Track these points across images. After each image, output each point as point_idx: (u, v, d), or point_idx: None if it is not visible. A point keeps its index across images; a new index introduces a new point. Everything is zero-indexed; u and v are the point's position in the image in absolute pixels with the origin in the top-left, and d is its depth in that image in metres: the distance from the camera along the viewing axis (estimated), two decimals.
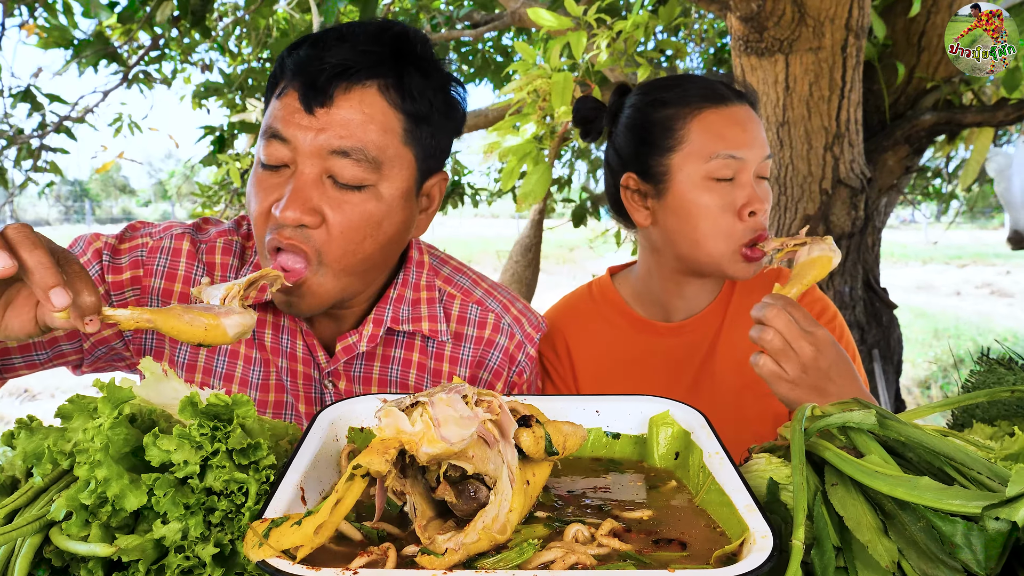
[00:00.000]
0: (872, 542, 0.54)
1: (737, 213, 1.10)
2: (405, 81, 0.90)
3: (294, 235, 0.87)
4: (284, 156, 0.88)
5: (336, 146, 0.86)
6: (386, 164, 0.89)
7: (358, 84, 0.87)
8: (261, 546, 0.46)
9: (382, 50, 0.89)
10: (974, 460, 0.61)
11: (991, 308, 8.80)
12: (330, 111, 0.86)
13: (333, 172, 0.87)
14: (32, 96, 3.27)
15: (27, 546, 0.48)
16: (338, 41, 0.88)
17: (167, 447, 0.50)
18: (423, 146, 0.94)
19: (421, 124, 0.92)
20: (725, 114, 1.12)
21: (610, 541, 0.55)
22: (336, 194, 0.88)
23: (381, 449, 0.50)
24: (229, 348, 1.03)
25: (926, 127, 2.44)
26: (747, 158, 1.11)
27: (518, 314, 1.10)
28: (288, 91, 0.88)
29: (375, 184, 0.89)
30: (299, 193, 0.86)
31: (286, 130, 0.87)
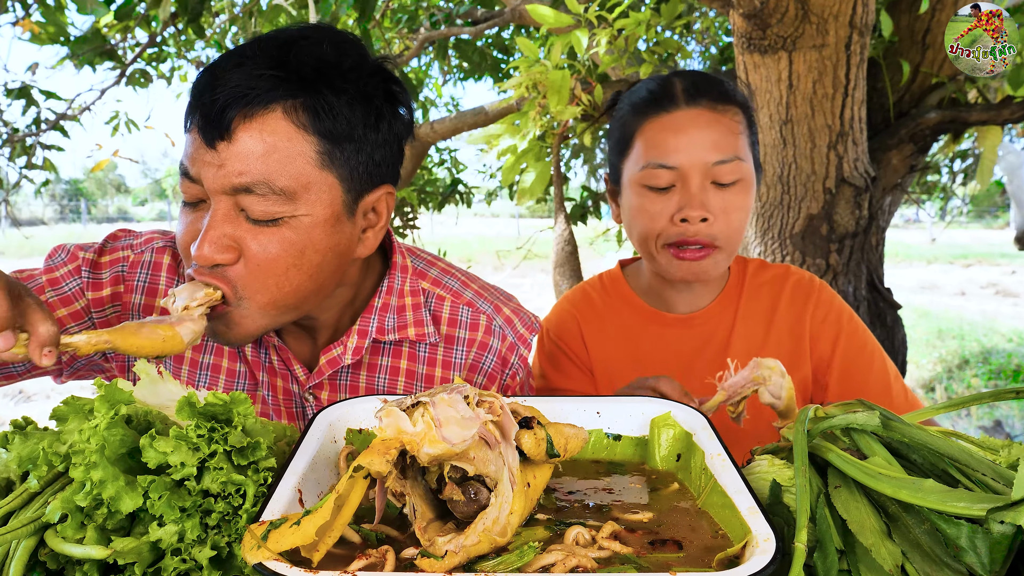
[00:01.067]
0: (876, 545, 0.54)
1: (671, 219, 1.10)
2: (315, 100, 0.82)
3: (210, 273, 0.83)
4: (197, 193, 0.85)
5: (236, 183, 0.80)
6: (300, 191, 0.83)
7: (260, 110, 0.80)
8: (259, 548, 0.46)
9: (284, 71, 0.81)
10: (979, 462, 0.60)
11: (996, 308, 8.75)
12: (230, 145, 0.80)
13: (243, 207, 0.82)
14: (27, 93, 3.26)
15: (22, 549, 0.47)
16: (236, 67, 0.81)
17: (164, 448, 0.50)
18: (348, 166, 0.86)
19: (341, 143, 0.85)
20: (664, 121, 1.11)
21: (611, 544, 0.54)
22: (250, 227, 0.83)
23: (382, 449, 0.49)
24: (212, 363, 1.01)
25: (931, 125, 2.42)
26: (682, 164, 1.08)
27: (510, 314, 1.08)
28: (192, 126, 0.83)
29: (290, 214, 0.83)
30: (211, 232, 0.82)
31: (192, 168, 0.83)
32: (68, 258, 0.99)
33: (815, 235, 2.35)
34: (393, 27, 3.79)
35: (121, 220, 33.29)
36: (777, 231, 2.40)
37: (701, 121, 1.10)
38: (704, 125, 1.10)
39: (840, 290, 2.39)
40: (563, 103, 2.19)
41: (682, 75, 1.17)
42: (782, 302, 1.24)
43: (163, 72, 3.75)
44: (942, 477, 0.60)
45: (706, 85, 1.14)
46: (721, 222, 1.09)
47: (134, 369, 0.57)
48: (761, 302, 1.25)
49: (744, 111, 1.15)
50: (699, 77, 1.16)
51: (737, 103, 1.14)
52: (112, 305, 1.00)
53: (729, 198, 1.10)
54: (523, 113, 2.41)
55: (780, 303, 1.24)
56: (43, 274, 0.98)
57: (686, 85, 1.14)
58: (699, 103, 1.11)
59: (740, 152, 1.11)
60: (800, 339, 1.22)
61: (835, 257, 2.35)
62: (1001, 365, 6.07)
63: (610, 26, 2.31)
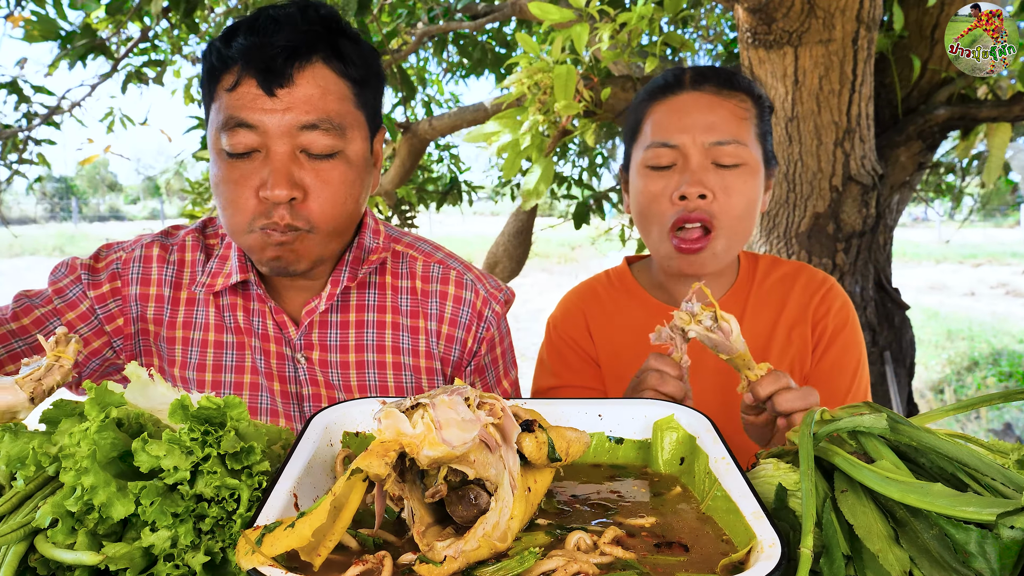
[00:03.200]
0: (883, 551, 0.53)
1: (670, 198, 1.11)
2: (341, 50, 0.96)
3: (286, 213, 0.93)
4: (252, 142, 0.92)
5: (304, 121, 0.92)
6: (348, 128, 0.96)
7: (308, 61, 0.93)
8: (253, 553, 0.45)
9: (316, 27, 0.95)
10: (988, 466, 0.59)
11: (1006, 309, 8.67)
12: (292, 90, 0.91)
13: (304, 146, 0.93)
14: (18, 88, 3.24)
15: (11, 554, 0.47)
16: (276, 24, 0.93)
17: (156, 452, 0.49)
18: (369, 107, 1.02)
19: (364, 87, 1.00)
20: (669, 103, 1.15)
21: (613, 549, 0.53)
22: (312, 166, 0.94)
23: (381, 452, 0.48)
24: (200, 338, 1.08)
25: (940, 122, 2.39)
26: (683, 143, 1.11)
27: (479, 275, 1.17)
28: (243, 80, 0.92)
29: (343, 149, 0.96)
30: (281, 171, 0.91)
31: (251, 116, 0.91)
32: (68, 270, 1.08)
33: (821, 234, 2.32)
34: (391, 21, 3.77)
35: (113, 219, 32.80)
36: (782, 230, 2.38)
37: (703, 103, 1.13)
38: (706, 107, 1.12)
39: (847, 290, 2.36)
40: (569, 98, 2.18)
41: (696, 67, 1.21)
42: (791, 299, 1.23)
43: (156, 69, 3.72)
44: (951, 481, 0.59)
45: (714, 73, 1.17)
46: (720, 201, 1.10)
47: (124, 372, 0.57)
48: (771, 298, 1.24)
49: (755, 101, 1.16)
50: (711, 68, 1.20)
51: (744, 91, 1.16)
52: (113, 300, 1.08)
53: (729, 179, 1.10)
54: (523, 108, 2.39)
55: (789, 300, 1.23)
56: (49, 287, 1.08)
57: (695, 73, 1.17)
58: (703, 87, 1.15)
59: (742, 136, 1.12)
60: (804, 336, 1.21)
61: (842, 256, 2.33)
62: (1012, 366, 6.01)
63: (612, 21, 2.28)
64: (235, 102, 0.92)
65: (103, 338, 1.08)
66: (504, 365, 1.19)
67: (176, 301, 1.09)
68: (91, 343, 1.07)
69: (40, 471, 0.51)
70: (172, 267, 1.09)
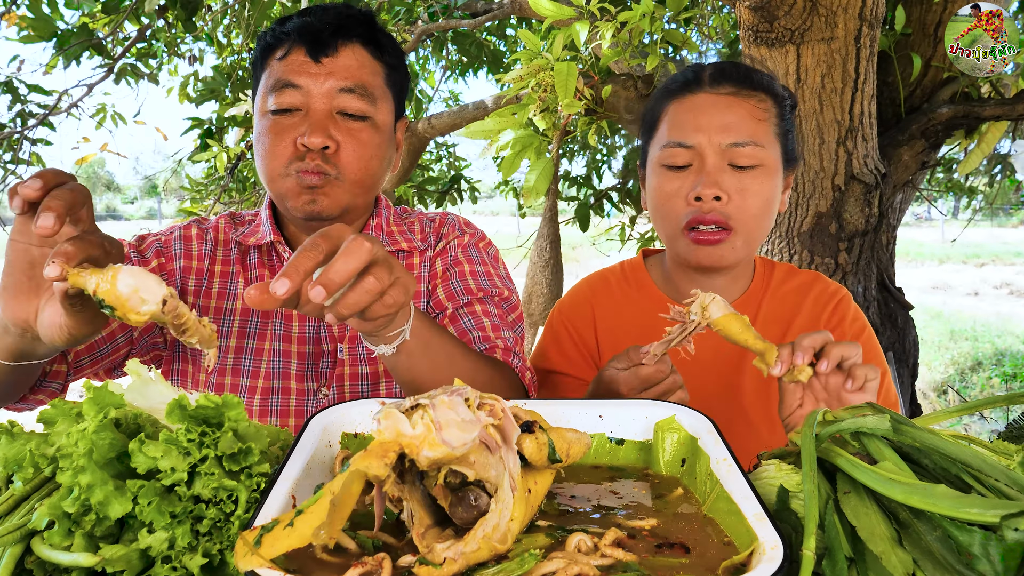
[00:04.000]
0: (886, 552, 0.52)
1: (686, 198, 1.11)
2: (378, 39, 1.13)
3: (317, 157, 1.06)
4: (296, 101, 1.07)
5: (343, 85, 1.08)
6: (379, 100, 1.12)
7: (348, 40, 1.10)
8: (251, 555, 0.45)
9: (358, 17, 1.13)
10: (992, 467, 0.58)
11: (1010, 309, 8.63)
12: (335, 59, 1.08)
13: (341, 107, 1.08)
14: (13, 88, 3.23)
15: (7, 556, 0.47)
16: (324, 11, 1.11)
17: (153, 453, 0.49)
18: (396, 89, 1.18)
19: (393, 71, 1.16)
20: (687, 102, 1.14)
21: (614, 551, 0.53)
22: (345, 125, 1.09)
23: (380, 452, 0.48)
24: (231, 307, 1.18)
25: (943, 120, 2.38)
26: (699, 144, 1.10)
27: (464, 222, 1.31)
28: (294, 50, 1.08)
29: (373, 116, 1.11)
30: (319, 124, 1.06)
31: (297, 79, 1.07)
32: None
33: (824, 233, 2.31)
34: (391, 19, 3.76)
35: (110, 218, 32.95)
36: (785, 229, 2.37)
37: (721, 103, 1.12)
38: (724, 107, 1.11)
39: (850, 290, 2.35)
40: (570, 96, 2.17)
41: (716, 63, 1.20)
42: (804, 309, 1.22)
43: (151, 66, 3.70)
44: (954, 483, 0.58)
45: (734, 71, 1.15)
46: (736, 203, 1.09)
47: (125, 368, 0.57)
48: (784, 308, 1.23)
49: (775, 99, 1.15)
50: (731, 64, 1.18)
51: (764, 89, 1.14)
52: (161, 274, 1.18)
53: (746, 181, 1.10)
54: (522, 106, 2.39)
55: (802, 310, 1.22)
56: None
57: (714, 71, 1.16)
58: (722, 86, 1.13)
59: (759, 138, 1.11)
60: None
61: (844, 256, 2.32)
62: (1016, 367, 5.99)
63: (613, 19, 2.28)
64: (285, 67, 1.08)
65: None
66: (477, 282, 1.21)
67: (212, 274, 1.20)
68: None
69: (38, 472, 0.51)
70: (210, 243, 1.22)
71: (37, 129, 3.34)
